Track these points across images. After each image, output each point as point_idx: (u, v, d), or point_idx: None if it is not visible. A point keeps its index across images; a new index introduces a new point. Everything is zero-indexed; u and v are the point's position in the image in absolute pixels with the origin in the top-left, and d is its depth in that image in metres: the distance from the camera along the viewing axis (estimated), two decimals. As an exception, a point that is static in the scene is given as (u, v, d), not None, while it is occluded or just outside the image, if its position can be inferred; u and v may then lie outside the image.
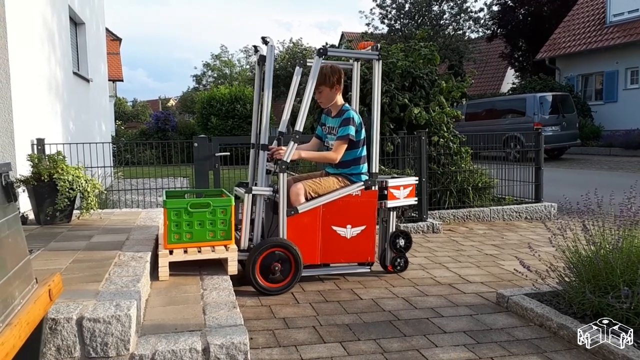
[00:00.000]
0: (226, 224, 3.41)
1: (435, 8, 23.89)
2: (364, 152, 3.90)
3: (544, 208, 6.57)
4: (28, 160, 4.30)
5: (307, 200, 3.71)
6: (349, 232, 3.81)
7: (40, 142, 5.07)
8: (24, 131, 4.99)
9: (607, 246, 2.98)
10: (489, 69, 27.63)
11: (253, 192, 3.64)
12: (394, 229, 4.10)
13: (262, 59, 3.92)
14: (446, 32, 23.90)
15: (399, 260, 4.11)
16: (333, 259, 3.87)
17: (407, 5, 23.92)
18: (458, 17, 24.06)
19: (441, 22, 24.07)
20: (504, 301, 3.34)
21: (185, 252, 3.35)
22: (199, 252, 3.37)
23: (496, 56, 25.73)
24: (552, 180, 8.53)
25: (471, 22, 24.45)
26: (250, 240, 3.71)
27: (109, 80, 18.81)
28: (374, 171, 3.91)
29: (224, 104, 16.43)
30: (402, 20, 24.22)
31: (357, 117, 3.83)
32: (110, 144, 8.88)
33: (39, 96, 5.72)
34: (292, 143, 3.66)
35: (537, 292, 3.34)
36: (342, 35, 34.41)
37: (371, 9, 25.09)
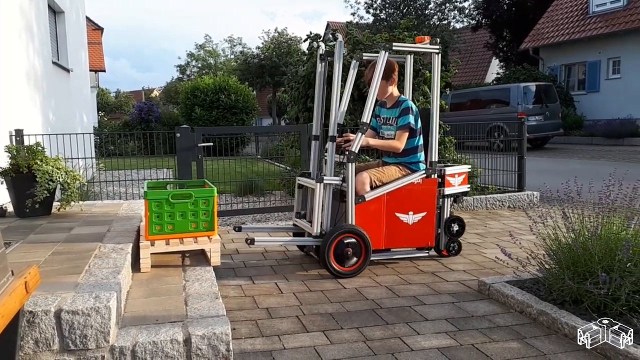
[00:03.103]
0: (209, 215, 3.39)
1: (421, -2, 23.88)
2: (421, 141, 4.08)
3: (527, 197, 6.65)
4: (6, 151, 4.22)
5: (371, 188, 3.87)
6: (410, 218, 4.00)
7: (19, 133, 4.97)
8: (2, 122, 4.90)
9: (586, 233, 3.02)
10: (474, 59, 27.76)
11: (325, 182, 3.79)
12: (448, 215, 4.23)
13: (328, 54, 4.12)
14: (431, 22, 23.91)
15: (453, 244, 4.28)
16: (396, 244, 4.05)
17: (392, -5, 23.87)
18: (443, 6, 24.08)
19: (426, 11, 24.07)
20: (486, 289, 3.38)
21: (167, 243, 3.32)
22: (181, 243, 3.35)
23: (481, 46, 25.84)
24: (535, 169, 8.62)
25: (456, 12, 24.50)
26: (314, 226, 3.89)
27: (91, 70, 18.48)
28: (434, 160, 4.09)
29: (208, 94, 16.27)
30: (387, 9, 24.17)
31: (414, 107, 4.01)
32: (92, 135, 8.74)
33: (18, 86, 5.61)
34: (359, 134, 3.81)
35: (518, 280, 3.38)
36: (328, 25, 34.26)
37: (356, -1, 24.96)
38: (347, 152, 3.79)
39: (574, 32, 18.90)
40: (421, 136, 4.08)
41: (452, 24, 24.81)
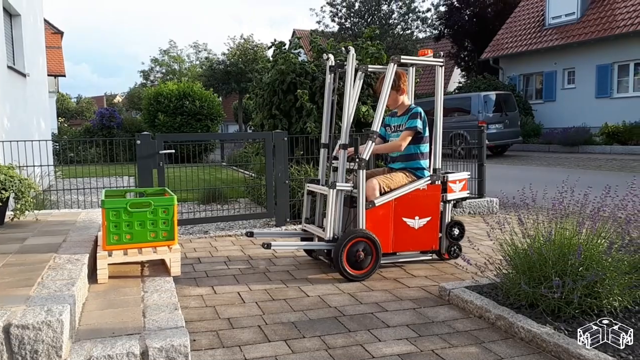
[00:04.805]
0: (168, 224, 3.33)
1: (385, 7, 24.24)
2: (427, 149, 4.23)
3: (487, 203, 6.80)
4: (-45, 159, 4.05)
5: (380, 194, 3.98)
6: (416, 223, 4.14)
7: (-31, 140, 4.78)
8: (-49, 128, 4.69)
9: (541, 239, 3.11)
10: (437, 68, 28.24)
11: (337, 188, 3.88)
12: (449, 220, 4.35)
13: (338, 66, 4.29)
14: (395, 32, 24.29)
15: (454, 248, 4.38)
16: (403, 248, 4.17)
17: (357, 4, 24.16)
18: (406, 16, 24.51)
19: (390, 21, 24.45)
20: (446, 294, 3.43)
21: (125, 253, 3.24)
22: (140, 253, 3.28)
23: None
24: (495, 176, 8.85)
25: (419, 22, 24.97)
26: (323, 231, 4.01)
27: (50, 75, 17.94)
28: (438, 167, 4.23)
29: (172, 100, 16.04)
30: (352, 18, 24.44)
31: (424, 114, 4.17)
32: (49, 142, 8.47)
33: (-32, 91, 5.39)
34: (370, 142, 3.94)
35: (477, 285, 3.45)
36: (293, 32, 34.36)
37: (322, 7, 25.21)
38: (357, 160, 3.89)
39: (531, 43, 19.54)
40: (428, 144, 4.21)
41: (415, 33, 25.25)
